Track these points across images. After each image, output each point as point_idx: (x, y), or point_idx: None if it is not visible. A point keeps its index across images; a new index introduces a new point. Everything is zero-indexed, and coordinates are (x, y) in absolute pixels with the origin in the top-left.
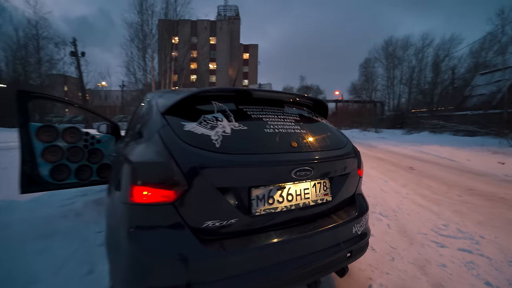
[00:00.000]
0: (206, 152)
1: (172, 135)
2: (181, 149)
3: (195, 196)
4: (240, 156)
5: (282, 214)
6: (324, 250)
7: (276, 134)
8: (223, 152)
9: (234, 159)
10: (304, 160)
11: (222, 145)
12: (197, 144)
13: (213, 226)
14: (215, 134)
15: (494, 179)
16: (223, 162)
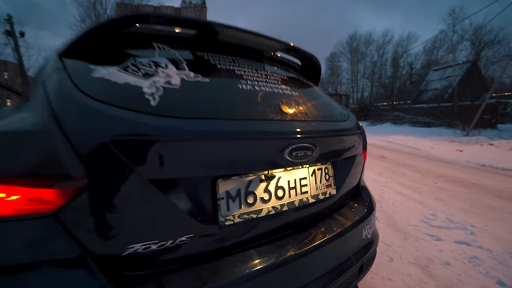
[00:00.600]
0: (130, 114)
1: (65, 84)
2: (79, 107)
3: (104, 197)
4: (197, 123)
5: (268, 220)
6: (331, 270)
7: (257, 92)
8: (163, 115)
9: (185, 127)
10: (303, 132)
11: (163, 103)
12: (112, 100)
13: (146, 252)
14: (151, 85)
15: (459, 166)
16: (163, 132)
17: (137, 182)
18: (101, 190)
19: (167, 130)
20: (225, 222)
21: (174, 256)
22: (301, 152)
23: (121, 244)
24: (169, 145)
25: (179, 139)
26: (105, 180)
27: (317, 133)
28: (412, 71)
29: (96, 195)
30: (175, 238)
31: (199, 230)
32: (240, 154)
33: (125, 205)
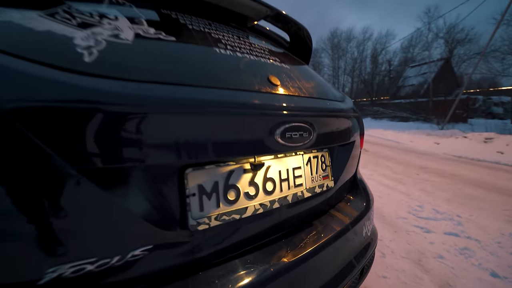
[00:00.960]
0: (48, 71)
1: None
2: None
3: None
4: (155, 88)
5: (254, 221)
6: (331, 279)
7: (239, 59)
8: (103, 75)
9: (136, 93)
10: (298, 109)
11: (104, 60)
12: (20, 51)
13: (77, 275)
14: (89, 36)
15: (437, 157)
16: (101, 99)
17: (59, 174)
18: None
19: (108, 97)
20: (198, 227)
21: (124, 278)
22: (296, 133)
23: (36, 267)
24: (110, 118)
25: (126, 110)
26: (7, 174)
27: (315, 110)
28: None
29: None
30: (125, 253)
31: (161, 239)
32: (217, 134)
33: (41, 208)
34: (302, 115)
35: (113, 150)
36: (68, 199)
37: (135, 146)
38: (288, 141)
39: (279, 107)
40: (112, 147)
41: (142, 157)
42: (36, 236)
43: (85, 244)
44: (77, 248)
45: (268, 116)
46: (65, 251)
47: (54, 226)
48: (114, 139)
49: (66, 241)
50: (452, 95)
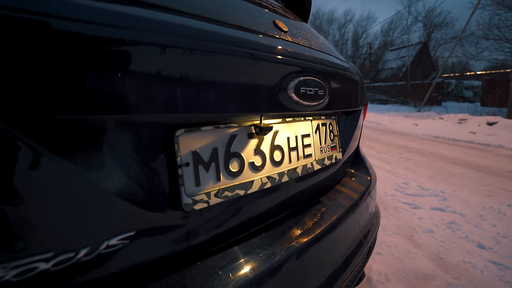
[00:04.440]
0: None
1: None
2: None
3: None
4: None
5: (261, 197)
6: (343, 262)
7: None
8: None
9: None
10: (312, 60)
11: None
12: None
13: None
14: None
15: (416, 138)
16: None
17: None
18: None
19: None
20: (194, 206)
21: (96, 276)
22: (311, 89)
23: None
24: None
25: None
26: None
27: (329, 65)
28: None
29: None
30: (97, 244)
31: (146, 223)
32: (218, 82)
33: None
34: (317, 68)
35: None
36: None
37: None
38: (302, 98)
39: (292, 53)
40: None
41: (115, 108)
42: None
43: (35, 235)
44: (24, 241)
45: (280, 63)
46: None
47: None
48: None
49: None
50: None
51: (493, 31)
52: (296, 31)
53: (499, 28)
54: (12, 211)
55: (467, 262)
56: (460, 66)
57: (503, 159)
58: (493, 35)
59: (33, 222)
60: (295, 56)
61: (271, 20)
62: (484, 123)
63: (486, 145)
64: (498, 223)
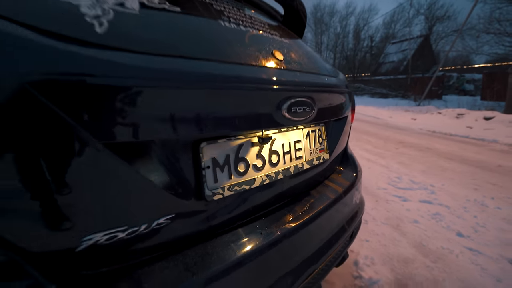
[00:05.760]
0: (63, 44)
1: None
2: None
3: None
4: (169, 62)
5: (261, 190)
6: (327, 241)
7: (244, 33)
8: (117, 48)
9: (152, 67)
10: (302, 84)
11: (115, 32)
12: (27, 20)
13: (110, 242)
14: (94, 4)
15: (414, 132)
16: (119, 73)
17: (87, 148)
18: (34, 163)
19: (126, 71)
20: (213, 197)
21: (151, 243)
22: (300, 108)
23: (73, 235)
24: (130, 92)
25: (143, 84)
26: (38, 147)
27: (316, 86)
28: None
29: (27, 170)
30: (151, 221)
31: (181, 208)
32: (229, 108)
33: (74, 182)
34: (305, 90)
35: (134, 125)
36: (98, 172)
37: (153, 120)
38: (293, 115)
39: (285, 82)
40: (132, 121)
41: (161, 131)
42: (71, 207)
43: (116, 214)
44: (109, 218)
45: (276, 91)
46: (98, 221)
47: (88, 198)
48: (134, 114)
49: (99, 212)
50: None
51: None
52: (289, 57)
53: (500, 22)
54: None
55: (445, 248)
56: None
57: (495, 154)
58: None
59: (116, 208)
60: (288, 84)
61: (270, 50)
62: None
63: (481, 140)
64: (479, 215)
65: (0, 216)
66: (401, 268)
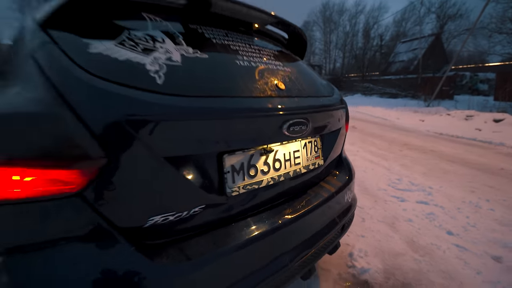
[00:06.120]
0: (140, 93)
1: (62, 61)
2: (86, 87)
3: (124, 175)
4: (203, 101)
5: (268, 189)
6: (320, 230)
7: (254, 69)
8: (172, 94)
9: (192, 106)
10: (299, 109)
11: (169, 81)
12: (118, 78)
13: (164, 222)
14: (154, 62)
15: (420, 134)
16: (174, 112)
17: (153, 160)
18: (121, 169)
19: (176, 109)
20: (232, 193)
21: (189, 225)
22: (297, 127)
23: (143, 217)
24: (179, 123)
25: (187, 117)
26: (123, 159)
27: (311, 108)
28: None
29: (118, 173)
30: (190, 209)
31: (210, 201)
32: (243, 130)
33: (144, 182)
34: (302, 113)
35: (181, 144)
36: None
37: (193, 140)
38: (291, 132)
39: (285, 108)
40: (180, 141)
41: (197, 148)
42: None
43: (167, 204)
44: (164, 206)
45: (278, 116)
46: (157, 208)
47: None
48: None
49: (158, 202)
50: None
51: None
52: (290, 84)
53: None
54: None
55: (434, 244)
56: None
57: (500, 157)
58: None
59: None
60: (287, 110)
61: (275, 82)
62: (491, 119)
63: (488, 143)
64: (472, 215)
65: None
66: (391, 260)
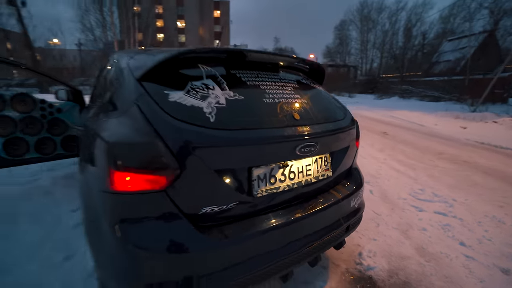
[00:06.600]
0: (200, 129)
1: (154, 108)
2: (169, 125)
3: (189, 180)
4: (239, 132)
5: (284, 193)
6: (325, 227)
7: (277, 104)
8: (219, 128)
9: (233, 136)
10: (309, 135)
11: (218, 119)
12: (187, 119)
13: (211, 212)
14: (208, 105)
15: (458, 143)
16: (220, 140)
17: (206, 170)
18: (188, 175)
19: (222, 139)
20: (257, 195)
21: (227, 215)
22: (307, 148)
23: (198, 207)
24: (224, 148)
25: (229, 144)
26: (190, 170)
27: (319, 134)
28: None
29: (186, 178)
30: (228, 204)
31: (241, 199)
32: (266, 152)
33: (200, 184)
34: (311, 138)
35: (223, 161)
36: (209, 181)
37: (232, 159)
38: (302, 152)
39: (298, 135)
40: (223, 160)
41: (236, 163)
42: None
43: (214, 200)
44: (212, 201)
45: (291, 142)
46: (207, 202)
47: (205, 191)
48: (225, 158)
49: (208, 198)
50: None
51: None
52: (304, 114)
53: None
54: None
55: (443, 253)
56: None
57: None
58: None
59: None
60: (300, 136)
61: (291, 114)
62: None
63: None
64: (491, 229)
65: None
66: (397, 262)
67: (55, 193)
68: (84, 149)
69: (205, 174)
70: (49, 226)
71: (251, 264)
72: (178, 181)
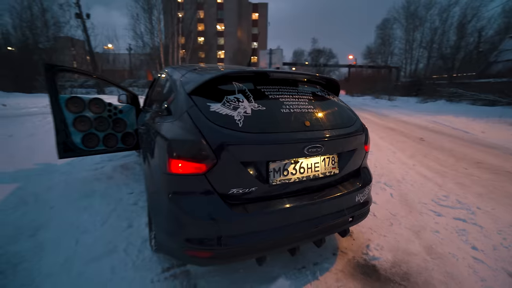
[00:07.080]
0: (231, 131)
1: (200, 116)
2: (210, 128)
3: (222, 168)
4: (260, 135)
5: (295, 184)
6: (329, 214)
7: (291, 114)
8: (245, 131)
9: (255, 138)
10: (316, 138)
11: (244, 125)
12: (222, 124)
13: (237, 193)
14: (238, 114)
15: (504, 152)
16: (246, 140)
17: (235, 162)
18: (221, 164)
19: (247, 139)
20: (272, 183)
21: (249, 196)
22: (314, 149)
23: (228, 189)
24: (248, 146)
25: (252, 143)
26: (223, 160)
27: (324, 138)
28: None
29: (220, 167)
30: (249, 188)
31: (260, 185)
32: (281, 150)
33: (230, 171)
34: (317, 141)
35: (248, 155)
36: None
37: (254, 154)
38: (310, 152)
39: (307, 139)
40: (248, 154)
41: (257, 158)
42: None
43: (239, 184)
44: (237, 185)
45: (301, 143)
46: (234, 185)
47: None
48: (249, 152)
49: (235, 182)
50: None
51: None
52: (315, 121)
53: None
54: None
55: (451, 253)
56: None
57: None
58: None
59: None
60: (308, 139)
61: (303, 122)
62: None
63: None
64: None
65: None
66: (402, 256)
67: (116, 178)
68: (148, 143)
69: (234, 164)
70: (114, 202)
71: (264, 234)
72: (214, 168)
